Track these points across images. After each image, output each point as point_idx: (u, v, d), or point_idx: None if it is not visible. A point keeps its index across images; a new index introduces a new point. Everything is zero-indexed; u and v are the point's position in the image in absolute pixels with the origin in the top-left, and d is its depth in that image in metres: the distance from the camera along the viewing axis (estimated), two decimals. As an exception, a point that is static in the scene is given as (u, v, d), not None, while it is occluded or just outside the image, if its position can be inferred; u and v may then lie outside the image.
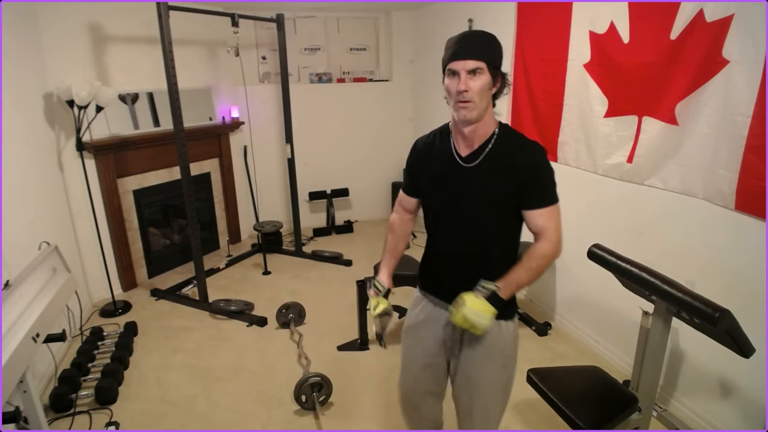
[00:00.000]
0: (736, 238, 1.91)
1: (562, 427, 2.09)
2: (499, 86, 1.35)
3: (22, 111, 2.70)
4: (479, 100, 1.30)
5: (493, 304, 1.35)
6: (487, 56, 1.29)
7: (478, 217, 1.43)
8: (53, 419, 2.29)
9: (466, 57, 1.28)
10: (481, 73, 1.28)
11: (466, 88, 1.27)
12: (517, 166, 1.36)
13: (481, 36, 1.35)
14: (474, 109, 1.31)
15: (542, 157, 1.39)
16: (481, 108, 1.32)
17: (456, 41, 1.32)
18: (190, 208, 3.24)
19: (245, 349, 2.89)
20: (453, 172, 1.44)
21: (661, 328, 1.77)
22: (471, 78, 1.28)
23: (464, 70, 1.28)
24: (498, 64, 1.32)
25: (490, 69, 1.29)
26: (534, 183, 1.37)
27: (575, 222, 2.82)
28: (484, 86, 1.29)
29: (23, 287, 1.78)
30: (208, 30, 4.01)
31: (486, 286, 1.37)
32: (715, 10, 1.85)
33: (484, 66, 1.28)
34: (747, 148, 1.80)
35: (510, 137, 1.41)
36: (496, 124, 1.41)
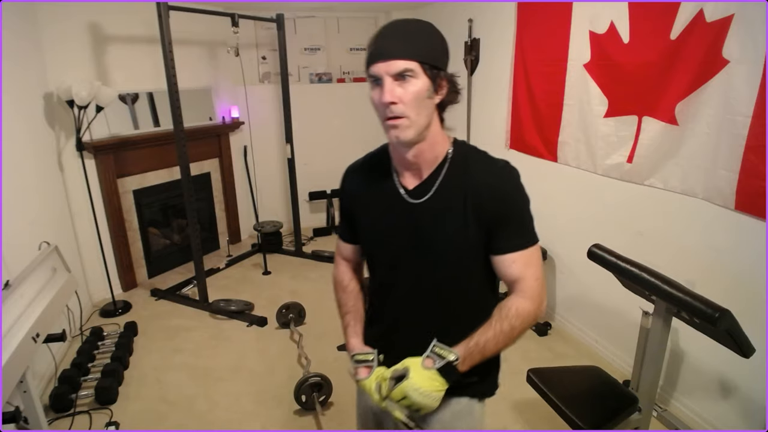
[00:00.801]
0: (736, 238, 1.91)
1: (562, 427, 2.09)
2: (445, 92, 1.01)
3: (22, 111, 2.70)
4: (415, 114, 0.96)
5: (446, 377, 1.01)
6: (419, 52, 0.95)
7: (434, 272, 1.08)
8: (53, 419, 2.29)
9: (389, 56, 0.94)
10: (413, 76, 0.94)
11: (393, 99, 0.94)
12: (481, 197, 1.02)
13: (409, 26, 1.00)
14: (409, 127, 0.97)
15: (514, 182, 1.05)
16: (419, 124, 0.98)
17: (376, 36, 0.99)
18: (190, 208, 3.24)
19: (245, 349, 2.89)
20: (397, 211, 1.09)
21: (661, 328, 1.77)
22: (399, 84, 0.95)
23: (388, 74, 0.94)
24: (439, 62, 0.99)
25: (426, 70, 0.96)
26: (505, 218, 1.03)
27: (575, 222, 2.82)
28: (420, 94, 0.95)
29: (23, 287, 1.78)
30: (208, 30, 4.00)
31: (440, 352, 1.02)
32: (715, 10, 1.85)
33: (415, 67, 0.94)
34: (747, 148, 1.80)
35: (469, 158, 1.07)
36: (449, 142, 1.08)
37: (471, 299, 1.11)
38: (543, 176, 3.05)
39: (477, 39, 3.62)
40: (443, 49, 1.02)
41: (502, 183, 1.04)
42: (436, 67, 0.98)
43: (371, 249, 1.19)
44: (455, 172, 1.05)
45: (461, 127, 3.91)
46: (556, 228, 3.00)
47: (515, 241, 1.04)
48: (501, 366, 1.23)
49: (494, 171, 1.06)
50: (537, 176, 3.11)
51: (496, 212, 1.03)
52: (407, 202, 1.08)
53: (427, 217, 1.06)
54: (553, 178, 2.94)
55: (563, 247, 2.96)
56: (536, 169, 3.08)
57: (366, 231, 1.17)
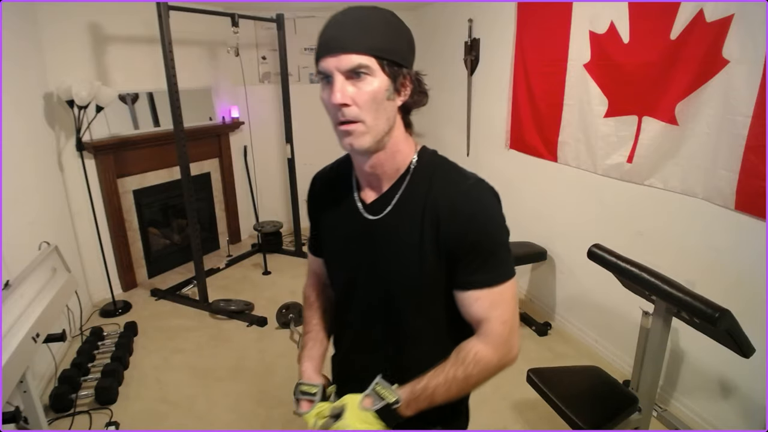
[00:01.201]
0: (736, 238, 1.91)
1: (562, 427, 2.09)
2: (409, 93, 0.87)
3: (22, 111, 2.70)
4: (372, 118, 0.82)
5: (385, 421, 0.87)
6: (376, 46, 0.80)
7: (387, 301, 0.93)
8: (53, 419, 2.29)
9: (341, 50, 0.79)
10: (369, 74, 0.80)
11: (345, 101, 0.80)
12: (440, 219, 0.85)
13: (366, 14, 0.82)
14: (364, 134, 0.83)
15: (484, 204, 0.86)
16: (377, 130, 0.83)
17: (326, 25, 0.84)
18: (190, 208, 3.24)
19: (245, 349, 2.89)
20: (354, 228, 0.95)
21: (661, 328, 1.77)
22: (353, 83, 0.80)
23: (339, 71, 0.80)
24: (401, 57, 0.84)
25: (385, 67, 0.81)
26: (469, 247, 0.85)
27: (575, 222, 2.82)
28: (377, 95, 0.81)
29: (23, 287, 1.78)
30: (208, 30, 4.00)
31: (381, 392, 0.88)
32: (715, 10, 1.85)
33: (372, 63, 0.80)
34: (747, 148, 1.80)
35: (435, 171, 0.90)
36: (414, 151, 0.93)
37: (430, 334, 0.94)
38: (543, 176, 3.05)
39: (477, 39, 3.62)
40: (407, 42, 0.88)
41: (467, 204, 0.85)
42: (398, 63, 0.83)
43: (329, 266, 1.06)
44: (417, 186, 0.90)
45: (461, 127, 3.91)
46: (556, 228, 3.00)
47: (480, 276, 0.86)
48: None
49: (461, 188, 0.87)
50: (537, 176, 3.11)
51: (457, 239, 0.85)
52: (364, 218, 0.93)
53: (382, 238, 0.92)
54: (553, 178, 2.95)
55: (563, 247, 2.96)
56: (536, 169, 3.09)
57: (325, 245, 1.05)
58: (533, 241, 3.16)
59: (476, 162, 3.82)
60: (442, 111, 4.39)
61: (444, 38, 4.17)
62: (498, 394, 2.39)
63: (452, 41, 3.93)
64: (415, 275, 0.89)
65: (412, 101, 0.89)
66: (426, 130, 4.84)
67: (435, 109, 4.52)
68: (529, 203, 3.25)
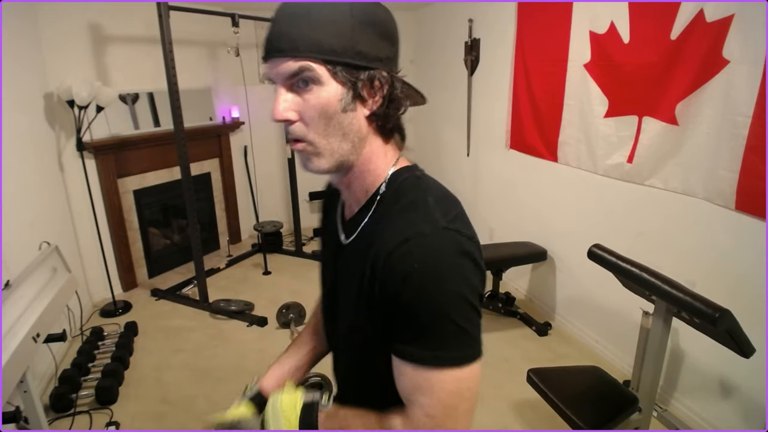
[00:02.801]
0: (736, 238, 1.91)
1: (562, 427, 2.09)
2: (379, 99, 0.69)
3: (22, 111, 2.70)
4: (322, 136, 0.68)
5: (303, 416, 0.79)
6: (323, 45, 0.63)
7: (340, 340, 0.85)
8: (53, 419, 2.29)
9: (276, 52, 0.66)
10: (317, 81, 0.65)
11: (284, 116, 0.68)
12: (375, 268, 0.66)
13: (311, 3, 0.64)
14: (316, 156, 0.70)
15: (439, 262, 0.63)
16: (332, 150, 0.69)
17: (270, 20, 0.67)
18: (191, 208, 3.24)
19: (245, 350, 2.89)
20: (331, 247, 0.85)
21: (661, 328, 1.77)
22: (299, 93, 0.67)
23: (278, 79, 0.68)
24: (361, 57, 0.65)
25: (338, 73, 0.65)
26: (406, 311, 0.64)
27: (575, 222, 2.82)
28: (327, 108, 0.66)
29: (23, 287, 1.78)
30: (208, 30, 4.00)
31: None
32: (716, 10, 1.85)
33: (318, 68, 0.64)
34: (747, 148, 1.80)
35: (398, 202, 0.71)
36: (386, 169, 0.74)
37: (373, 381, 0.78)
38: (543, 176, 3.05)
39: (477, 39, 3.62)
40: (378, 35, 0.67)
41: (408, 258, 0.63)
42: (357, 66, 0.65)
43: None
44: (381, 216, 0.72)
45: (461, 127, 3.91)
46: (556, 228, 3.00)
47: (409, 347, 0.65)
48: (502, 366, 1.13)
49: (408, 235, 0.64)
50: (537, 176, 3.12)
51: (391, 299, 0.65)
52: (338, 238, 0.81)
53: (342, 266, 0.79)
54: (554, 178, 2.95)
55: (563, 247, 2.96)
56: (536, 169, 3.09)
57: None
58: (533, 241, 3.16)
59: (476, 162, 3.82)
60: (442, 111, 4.39)
61: (444, 38, 4.17)
62: (498, 394, 2.39)
63: (452, 41, 3.93)
64: (352, 319, 0.75)
65: (383, 110, 0.69)
66: (426, 130, 4.85)
67: (435, 109, 4.52)
68: (530, 203, 3.25)
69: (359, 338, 0.75)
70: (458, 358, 0.64)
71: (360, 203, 0.76)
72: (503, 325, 3.05)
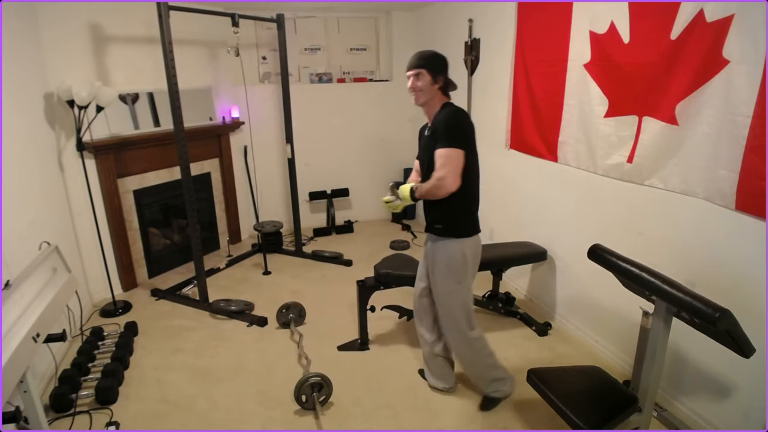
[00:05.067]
0: (736, 238, 1.91)
1: (562, 427, 2.09)
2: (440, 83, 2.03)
3: (22, 111, 2.70)
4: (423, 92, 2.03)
5: (411, 194, 1.99)
6: (424, 64, 2.00)
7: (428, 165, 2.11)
8: (53, 419, 2.29)
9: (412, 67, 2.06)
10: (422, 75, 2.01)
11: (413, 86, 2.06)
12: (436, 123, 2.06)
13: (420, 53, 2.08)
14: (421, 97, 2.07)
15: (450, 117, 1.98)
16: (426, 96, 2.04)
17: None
18: (190, 208, 3.24)
19: (245, 349, 2.89)
20: (423, 140, 2.18)
21: (661, 328, 1.77)
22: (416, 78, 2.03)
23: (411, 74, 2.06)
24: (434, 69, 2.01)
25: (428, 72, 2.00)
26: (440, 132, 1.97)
27: (575, 222, 2.82)
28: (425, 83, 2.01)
29: (23, 287, 1.78)
30: (208, 30, 4.01)
31: (412, 185, 2.02)
32: (715, 10, 1.85)
33: (423, 71, 2.00)
34: (747, 148, 1.79)
35: (442, 112, 2.02)
36: (440, 106, 2.05)
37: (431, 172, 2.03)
38: (543, 176, 3.05)
39: (477, 39, 3.62)
40: (439, 62, 2.03)
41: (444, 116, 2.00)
42: (434, 71, 2.00)
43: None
44: (437, 119, 2.01)
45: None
46: (556, 228, 3.00)
47: (440, 144, 1.94)
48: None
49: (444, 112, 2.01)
50: (537, 176, 3.11)
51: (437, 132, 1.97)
52: (425, 135, 2.12)
53: (428, 141, 2.03)
54: (554, 178, 2.95)
55: (563, 247, 2.96)
56: (536, 169, 3.09)
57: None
58: (533, 241, 3.16)
59: (476, 162, 3.81)
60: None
61: (444, 38, 4.17)
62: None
63: (452, 41, 3.93)
64: (430, 154, 1.99)
65: (442, 86, 2.04)
66: (426, 130, 4.84)
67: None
68: (530, 203, 3.25)
69: (432, 161, 1.96)
70: (450, 142, 1.92)
71: (431, 117, 2.05)
72: (503, 325, 3.05)
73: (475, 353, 2.23)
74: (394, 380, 2.56)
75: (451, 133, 1.90)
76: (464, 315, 2.13)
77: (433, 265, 2.13)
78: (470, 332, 2.16)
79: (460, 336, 2.18)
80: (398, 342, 2.92)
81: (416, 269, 2.41)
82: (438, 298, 2.17)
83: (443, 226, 2.05)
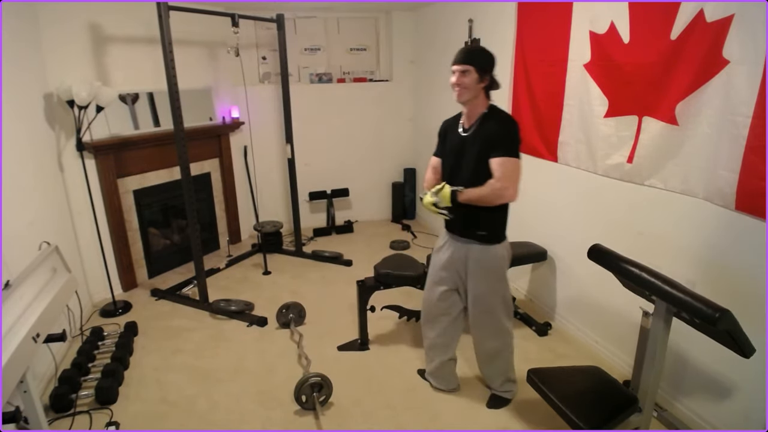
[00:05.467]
0: (736, 238, 1.91)
1: (562, 427, 2.09)
2: (485, 82, 1.98)
3: (22, 111, 2.70)
4: (467, 89, 1.97)
5: (453, 196, 1.98)
6: (472, 61, 1.96)
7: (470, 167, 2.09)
8: (53, 419, 2.29)
9: (459, 62, 2.00)
10: (469, 71, 1.95)
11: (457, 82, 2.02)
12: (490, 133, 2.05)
13: (468, 48, 2.08)
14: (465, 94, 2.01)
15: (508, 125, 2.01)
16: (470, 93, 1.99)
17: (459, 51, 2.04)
18: (190, 208, 3.24)
19: (245, 350, 2.89)
20: (453, 140, 2.16)
21: (661, 328, 1.77)
22: (463, 74, 1.97)
23: (458, 69, 2.00)
24: (482, 66, 1.95)
25: (475, 70, 1.96)
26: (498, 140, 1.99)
27: (575, 222, 2.82)
28: (470, 80, 1.96)
29: (23, 287, 1.78)
30: (208, 30, 4.01)
31: (455, 187, 2.02)
32: (715, 10, 1.85)
33: (470, 68, 1.94)
34: (747, 148, 1.79)
35: (493, 117, 2.03)
36: (486, 107, 2.05)
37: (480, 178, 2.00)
38: (543, 176, 3.05)
39: (477, 39, 3.62)
40: (487, 60, 1.98)
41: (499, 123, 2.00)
42: (481, 69, 1.95)
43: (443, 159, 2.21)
44: (484, 122, 2.00)
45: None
46: (556, 228, 3.00)
47: (497, 152, 1.95)
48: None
49: (499, 120, 2.01)
50: (537, 176, 3.11)
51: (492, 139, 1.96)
52: (460, 135, 2.08)
53: (467, 144, 2.03)
54: (554, 178, 2.95)
55: (563, 247, 2.96)
56: (536, 169, 3.09)
57: (443, 150, 2.21)
58: (533, 241, 3.16)
59: (476, 162, 3.81)
60: (442, 111, 4.38)
61: (444, 38, 4.17)
62: (498, 394, 2.39)
63: (452, 41, 3.93)
64: (477, 159, 1.98)
65: (487, 86, 2.00)
66: (427, 130, 4.84)
67: (435, 108, 4.52)
68: (530, 203, 3.25)
69: (480, 165, 1.96)
70: (512, 153, 1.94)
71: (474, 118, 2.02)
72: (503, 325, 3.05)
73: (506, 348, 2.26)
74: (394, 380, 2.56)
75: (512, 142, 1.93)
76: (504, 308, 2.18)
77: (474, 269, 2.11)
78: (508, 323, 2.22)
79: (496, 330, 2.21)
80: (398, 342, 2.92)
81: (416, 269, 2.40)
82: (478, 300, 2.16)
83: (488, 233, 2.05)
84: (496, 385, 2.35)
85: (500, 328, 2.21)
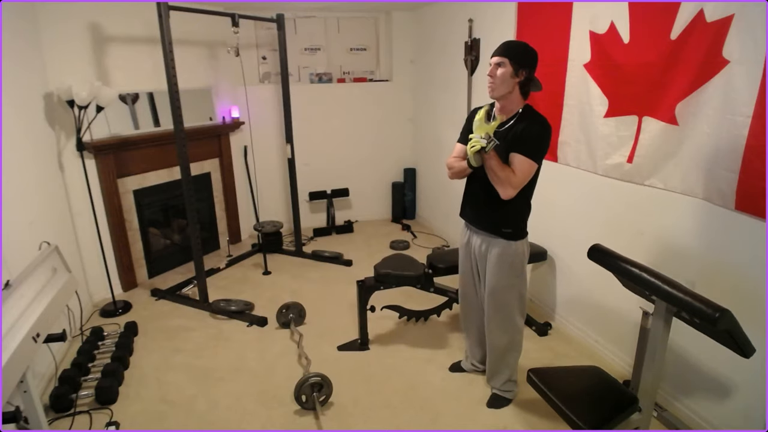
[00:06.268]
0: (736, 238, 1.91)
1: (562, 427, 2.09)
2: (521, 78, 1.93)
3: (22, 111, 2.70)
4: (501, 83, 1.94)
5: (488, 140, 1.90)
6: (509, 54, 1.92)
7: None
8: (53, 419, 2.29)
9: (497, 54, 1.95)
10: (504, 64, 1.91)
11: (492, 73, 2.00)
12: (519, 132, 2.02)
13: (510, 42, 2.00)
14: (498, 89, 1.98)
15: (538, 127, 1.98)
16: (504, 88, 1.96)
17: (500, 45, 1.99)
18: (190, 208, 3.24)
19: (245, 349, 2.89)
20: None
21: (661, 328, 1.77)
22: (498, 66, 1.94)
23: (494, 61, 1.96)
24: (519, 61, 1.90)
25: (511, 63, 1.91)
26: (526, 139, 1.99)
27: (575, 222, 2.82)
28: (505, 74, 1.92)
29: (23, 287, 1.78)
30: (208, 30, 4.01)
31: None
32: (715, 10, 1.85)
33: (506, 60, 1.90)
34: (747, 149, 1.80)
35: (528, 117, 2.01)
36: (521, 106, 2.01)
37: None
38: (543, 176, 3.03)
39: (477, 39, 3.62)
40: (527, 56, 1.93)
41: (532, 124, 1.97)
42: (518, 63, 1.89)
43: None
44: (519, 121, 1.97)
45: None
46: (556, 228, 3.00)
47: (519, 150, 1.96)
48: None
49: (533, 120, 1.97)
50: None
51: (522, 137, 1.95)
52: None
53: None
54: (554, 178, 2.94)
55: (563, 247, 2.96)
56: (536, 169, 3.08)
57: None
58: (533, 241, 3.15)
59: (476, 162, 3.81)
60: (442, 111, 4.39)
61: (444, 38, 4.17)
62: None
63: (452, 41, 3.93)
64: (502, 155, 1.96)
65: (522, 83, 1.94)
66: (427, 130, 4.84)
67: (436, 108, 4.52)
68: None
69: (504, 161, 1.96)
70: (534, 156, 1.95)
71: (507, 116, 2.00)
72: (503, 325, 3.05)
73: (514, 346, 2.30)
74: (394, 380, 2.56)
75: (539, 146, 1.94)
76: (519, 304, 2.22)
77: (494, 264, 2.16)
78: (520, 321, 2.25)
79: (508, 326, 2.24)
80: (398, 342, 2.92)
81: (416, 269, 2.40)
82: (494, 294, 2.20)
83: (512, 230, 2.11)
84: (498, 384, 2.35)
85: (512, 324, 2.23)
